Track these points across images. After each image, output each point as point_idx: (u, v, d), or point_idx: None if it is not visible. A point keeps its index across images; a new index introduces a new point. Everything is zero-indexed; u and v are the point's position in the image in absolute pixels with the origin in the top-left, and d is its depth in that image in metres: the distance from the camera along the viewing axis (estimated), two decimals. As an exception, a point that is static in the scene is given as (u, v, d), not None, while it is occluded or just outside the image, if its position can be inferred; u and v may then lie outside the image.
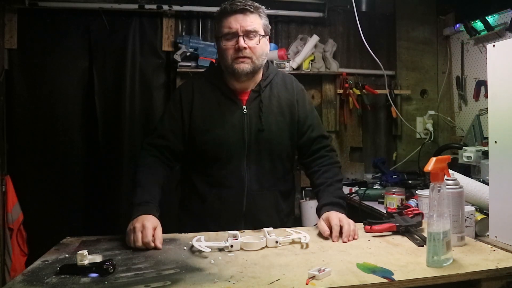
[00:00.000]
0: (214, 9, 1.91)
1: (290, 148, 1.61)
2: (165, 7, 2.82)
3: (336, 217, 1.36)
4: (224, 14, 1.46)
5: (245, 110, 1.52)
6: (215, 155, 1.51)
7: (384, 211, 2.02)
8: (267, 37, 1.53)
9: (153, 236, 1.25)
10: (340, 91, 3.06)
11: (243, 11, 1.45)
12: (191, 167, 1.60)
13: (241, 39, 1.44)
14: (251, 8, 1.46)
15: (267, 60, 1.57)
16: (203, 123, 1.52)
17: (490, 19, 2.65)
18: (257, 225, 1.43)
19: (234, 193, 1.52)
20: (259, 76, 1.55)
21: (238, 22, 1.44)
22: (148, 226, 1.26)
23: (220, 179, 1.52)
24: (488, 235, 1.45)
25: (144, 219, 1.28)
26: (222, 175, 1.52)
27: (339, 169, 1.60)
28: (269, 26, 1.54)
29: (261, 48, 1.48)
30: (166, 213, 1.40)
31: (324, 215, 1.40)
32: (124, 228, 1.30)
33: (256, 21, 1.47)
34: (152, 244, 1.23)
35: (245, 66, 1.46)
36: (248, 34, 1.45)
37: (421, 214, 1.42)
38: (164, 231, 1.31)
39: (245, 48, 1.44)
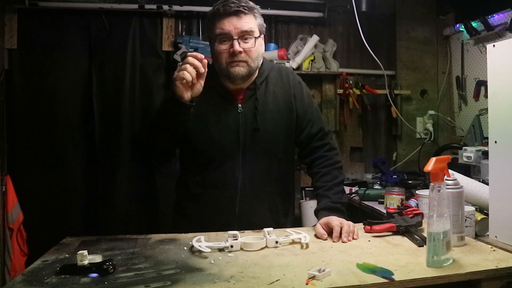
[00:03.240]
0: (214, 9, 1.90)
1: (288, 148, 1.57)
2: (165, 7, 2.82)
3: (337, 219, 1.35)
4: (217, 16, 1.40)
5: (240, 109, 1.47)
6: (209, 156, 1.48)
7: (384, 211, 2.02)
8: (262, 35, 1.46)
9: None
10: (340, 91, 3.06)
11: (237, 13, 1.39)
12: (186, 168, 1.58)
13: (236, 42, 1.38)
14: (245, 9, 1.39)
15: None
16: (197, 122, 1.46)
17: (490, 19, 2.65)
18: (251, 228, 1.40)
19: (227, 195, 1.48)
20: (255, 74, 1.50)
21: (232, 25, 1.38)
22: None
23: (213, 180, 1.49)
24: (488, 235, 1.45)
25: None
26: (216, 176, 1.48)
27: (339, 170, 1.54)
28: (264, 25, 1.47)
29: (256, 51, 1.43)
30: (162, 216, 1.39)
31: (322, 220, 1.38)
32: (124, 228, 1.30)
33: (251, 22, 1.41)
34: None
35: (240, 69, 1.41)
36: (243, 36, 1.39)
37: (421, 214, 1.42)
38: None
39: (240, 52, 1.39)
